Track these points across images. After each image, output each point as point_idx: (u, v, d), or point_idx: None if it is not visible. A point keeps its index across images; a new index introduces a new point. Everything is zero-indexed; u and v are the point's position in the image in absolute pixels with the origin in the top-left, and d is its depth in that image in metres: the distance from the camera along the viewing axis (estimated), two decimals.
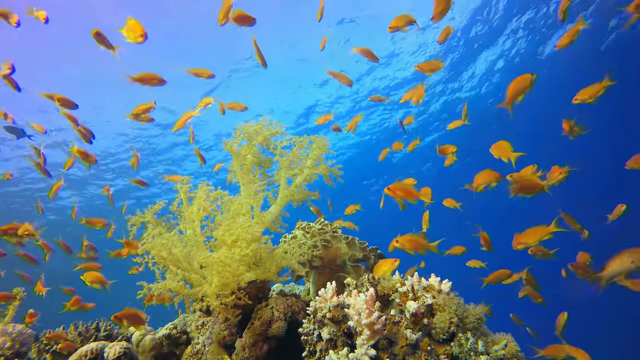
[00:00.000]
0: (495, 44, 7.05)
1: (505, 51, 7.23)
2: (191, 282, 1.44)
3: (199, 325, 1.94)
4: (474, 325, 1.24)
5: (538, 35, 6.80)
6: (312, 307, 1.23)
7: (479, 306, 1.28)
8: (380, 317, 1.09)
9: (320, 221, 1.94)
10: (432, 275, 1.35)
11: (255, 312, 1.49)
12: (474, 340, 1.14)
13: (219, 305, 1.35)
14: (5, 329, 2.18)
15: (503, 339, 1.20)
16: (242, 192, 1.68)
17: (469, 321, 1.24)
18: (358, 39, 6.59)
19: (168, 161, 9.39)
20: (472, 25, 6.60)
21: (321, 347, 1.16)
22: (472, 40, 6.92)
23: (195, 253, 1.45)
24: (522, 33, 6.77)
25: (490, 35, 6.83)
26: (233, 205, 1.51)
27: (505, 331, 1.25)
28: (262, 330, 1.40)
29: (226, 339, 1.52)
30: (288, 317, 1.44)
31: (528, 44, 7.00)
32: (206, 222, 1.52)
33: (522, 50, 7.15)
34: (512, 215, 13.21)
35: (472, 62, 7.51)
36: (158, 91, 2.77)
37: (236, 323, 1.53)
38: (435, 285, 1.31)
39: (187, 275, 1.43)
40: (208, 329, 1.81)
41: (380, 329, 1.08)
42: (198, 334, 1.87)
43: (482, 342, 1.15)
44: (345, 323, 1.15)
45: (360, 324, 1.08)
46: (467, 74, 7.86)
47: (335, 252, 1.73)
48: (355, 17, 6.24)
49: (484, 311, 1.27)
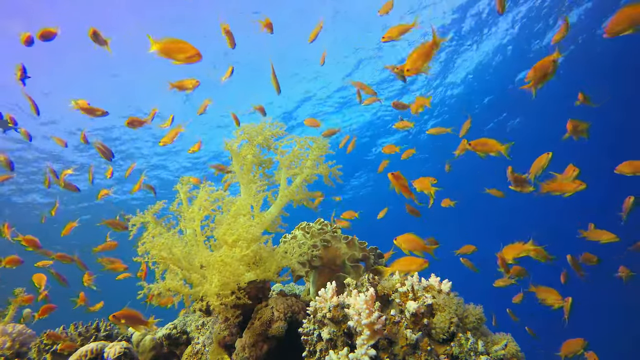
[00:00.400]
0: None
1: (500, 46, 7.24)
2: (191, 282, 1.44)
3: (199, 325, 1.94)
4: (474, 325, 1.24)
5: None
6: (312, 307, 1.24)
7: (479, 306, 1.28)
8: (380, 317, 1.09)
9: (319, 221, 1.94)
10: (432, 276, 1.35)
11: (255, 312, 1.49)
12: (474, 340, 1.14)
13: (219, 305, 1.35)
14: (5, 329, 2.18)
15: (503, 339, 1.20)
16: (242, 192, 1.68)
17: (469, 321, 1.24)
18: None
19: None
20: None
21: (321, 347, 1.16)
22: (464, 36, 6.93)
23: (196, 252, 1.45)
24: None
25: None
26: (234, 205, 1.51)
27: (505, 330, 1.25)
28: (262, 330, 1.40)
29: (226, 339, 1.52)
30: (288, 317, 1.44)
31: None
32: (206, 222, 1.52)
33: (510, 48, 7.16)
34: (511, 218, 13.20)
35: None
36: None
37: (236, 323, 1.53)
38: (435, 285, 1.31)
39: (187, 274, 1.43)
40: (208, 329, 1.81)
41: (380, 329, 1.08)
42: (198, 334, 1.87)
43: (482, 342, 1.15)
44: (345, 323, 1.15)
45: (360, 324, 1.08)
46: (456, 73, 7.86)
47: (335, 252, 1.73)
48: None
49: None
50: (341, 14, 6.36)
